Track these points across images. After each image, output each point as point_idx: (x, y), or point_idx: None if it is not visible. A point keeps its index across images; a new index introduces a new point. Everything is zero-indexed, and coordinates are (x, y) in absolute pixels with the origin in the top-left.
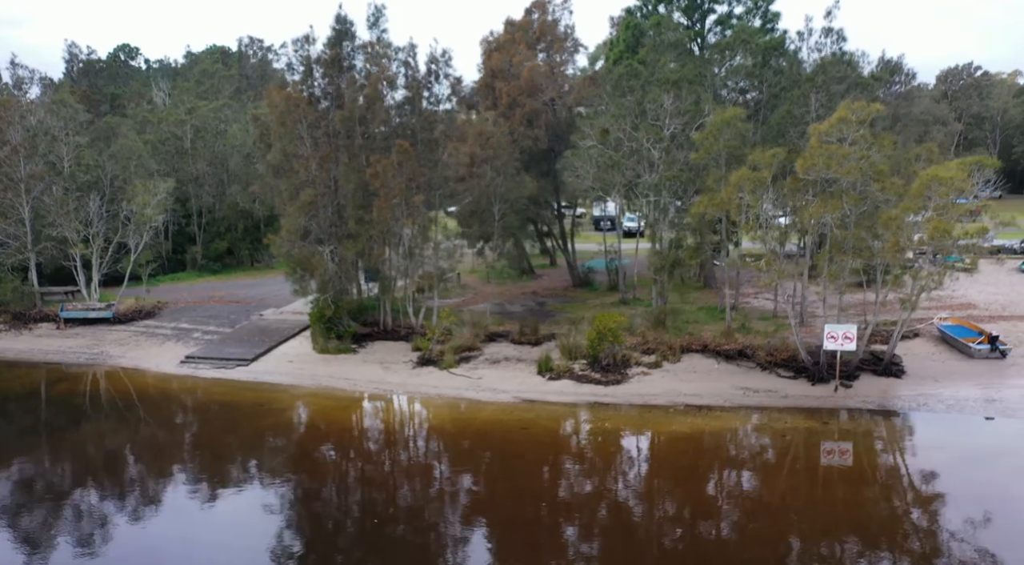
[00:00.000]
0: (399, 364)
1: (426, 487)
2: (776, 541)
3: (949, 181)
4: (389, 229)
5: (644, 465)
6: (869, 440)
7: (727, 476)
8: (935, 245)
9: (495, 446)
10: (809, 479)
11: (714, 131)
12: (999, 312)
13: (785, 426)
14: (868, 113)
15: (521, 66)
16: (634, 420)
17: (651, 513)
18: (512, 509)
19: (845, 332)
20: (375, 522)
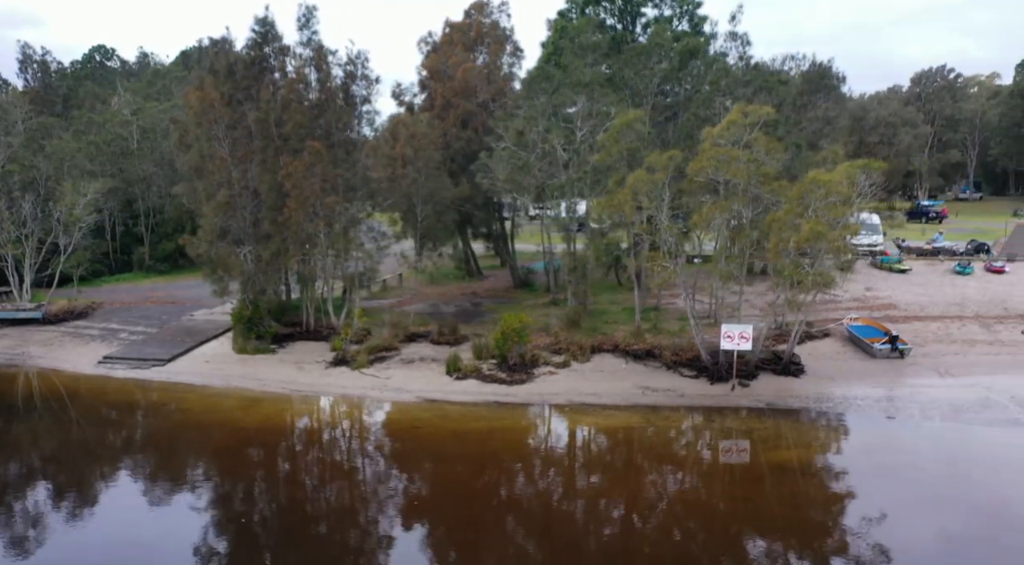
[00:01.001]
0: (313, 364)
1: (292, 488)
2: (614, 533)
3: (828, 184)
4: (304, 230)
5: (516, 463)
6: (748, 437)
7: (592, 472)
8: (811, 247)
9: (382, 445)
10: (675, 474)
11: (615, 133)
12: (917, 313)
13: (672, 424)
14: (759, 116)
15: (456, 67)
16: (527, 419)
17: (504, 509)
18: (370, 509)
19: (741, 332)
20: (242, 521)
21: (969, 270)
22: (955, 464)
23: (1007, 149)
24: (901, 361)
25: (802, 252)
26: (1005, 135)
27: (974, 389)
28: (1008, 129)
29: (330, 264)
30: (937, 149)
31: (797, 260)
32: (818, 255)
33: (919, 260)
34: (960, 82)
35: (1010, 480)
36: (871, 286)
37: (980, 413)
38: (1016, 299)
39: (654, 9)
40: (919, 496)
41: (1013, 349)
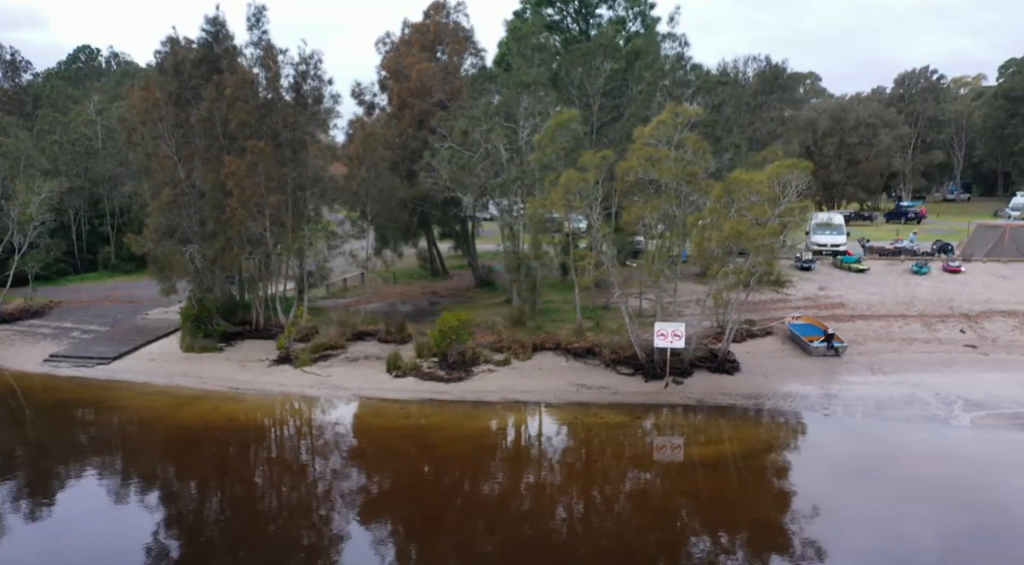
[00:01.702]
0: (257, 362)
1: (208, 484)
2: (511, 525)
3: (750, 184)
4: (248, 229)
5: (429, 459)
6: (670, 433)
7: (500, 468)
8: (732, 246)
9: (306, 442)
10: (585, 469)
11: (549, 133)
12: (864, 312)
13: (597, 421)
14: (689, 116)
15: (412, 68)
16: (453, 416)
17: (409, 503)
18: (275, 503)
19: (674, 330)
20: (154, 515)
21: (925, 270)
22: (861, 458)
23: (991, 150)
24: (837, 359)
25: (741, 251)
26: (989, 136)
27: (902, 386)
28: (992, 130)
29: (276, 262)
30: (921, 150)
31: (724, 258)
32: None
33: (881, 260)
34: (944, 83)
35: (906, 475)
36: (825, 285)
37: (901, 410)
38: (962, 298)
39: (609, 10)
40: (808, 489)
41: (948, 347)
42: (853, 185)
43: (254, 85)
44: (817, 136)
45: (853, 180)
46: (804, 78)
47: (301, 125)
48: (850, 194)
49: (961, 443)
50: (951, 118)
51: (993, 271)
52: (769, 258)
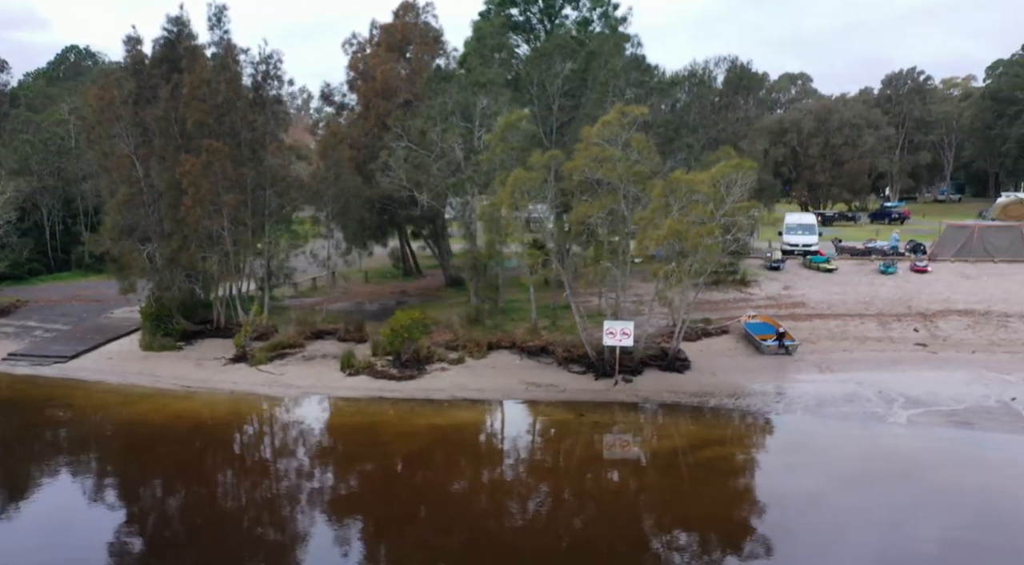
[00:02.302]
0: (213, 361)
1: (145, 481)
2: (448, 523)
3: (690, 183)
4: (204, 228)
5: (362, 456)
6: (609, 430)
7: (437, 465)
8: (671, 246)
9: (250, 439)
10: (519, 467)
11: (500, 133)
12: (823, 311)
13: (542, 419)
14: (636, 116)
15: (377, 68)
16: (398, 414)
17: (345, 500)
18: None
19: (623, 328)
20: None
21: (892, 270)
22: (789, 454)
23: (980, 150)
24: (788, 357)
25: (683, 252)
26: (977, 137)
27: (846, 384)
28: (980, 131)
29: (235, 261)
30: (908, 151)
31: (672, 256)
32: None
33: (852, 260)
34: (930, 84)
35: (830, 471)
36: (790, 285)
37: (841, 407)
38: (922, 298)
39: (574, 11)
40: (731, 484)
41: (899, 346)
42: (838, 186)
43: (212, 84)
44: (802, 137)
45: (838, 181)
46: (795, 79)
47: (260, 125)
48: (835, 195)
49: (892, 439)
50: (940, 119)
51: (959, 271)
52: (708, 257)
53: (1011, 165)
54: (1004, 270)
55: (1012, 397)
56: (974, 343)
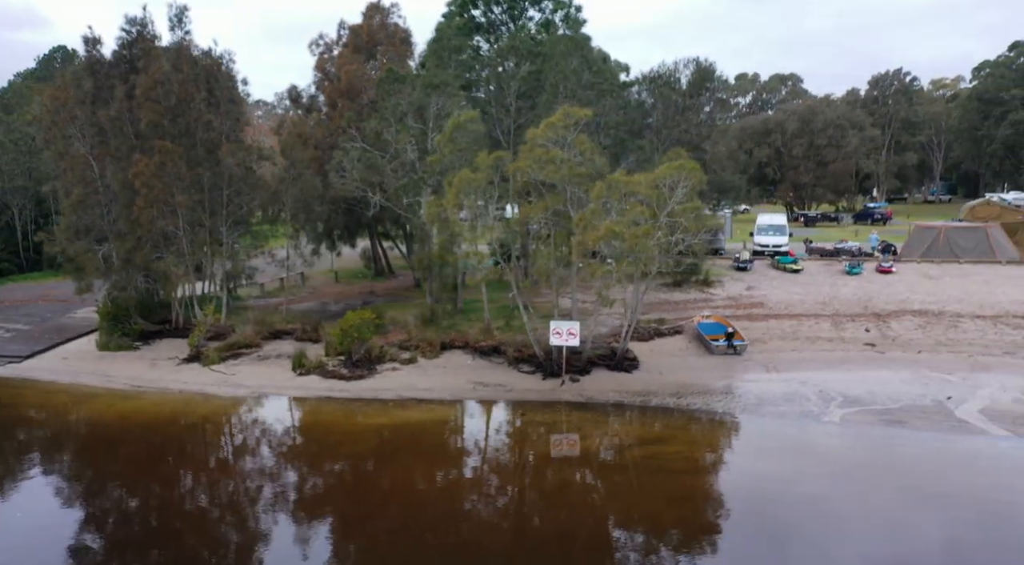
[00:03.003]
0: (167, 361)
1: (80, 480)
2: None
3: (627, 185)
4: (157, 228)
5: (298, 456)
6: (548, 429)
7: (369, 464)
8: (611, 246)
9: (178, 437)
10: (445, 465)
11: (448, 134)
12: (780, 311)
13: (484, 418)
14: (579, 118)
15: (342, 69)
16: (343, 413)
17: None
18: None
19: (569, 329)
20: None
21: (857, 270)
22: (718, 452)
23: (967, 151)
24: (737, 357)
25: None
26: (964, 138)
27: (790, 384)
28: (966, 131)
29: (190, 261)
30: (894, 152)
31: (619, 257)
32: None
33: (821, 260)
34: (916, 85)
35: (750, 468)
36: (754, 285)
37: (780, 406)
38: (881, 298)
39: (539, 13)
40: (645, 483)
41: (848, 346)
42: (822, 186)
43: (166, 85)
44: (786, 137)
45: (822, 181)
46: (786, 79)
47: (214, 125)
48: (819, 195)
49: (818, 437)
50: (928, 120)
51: (923, 272)
52: (644, 258)
53: (997, 166)
54: (968, 271)
55: (948, 396)
56: (922, 343)
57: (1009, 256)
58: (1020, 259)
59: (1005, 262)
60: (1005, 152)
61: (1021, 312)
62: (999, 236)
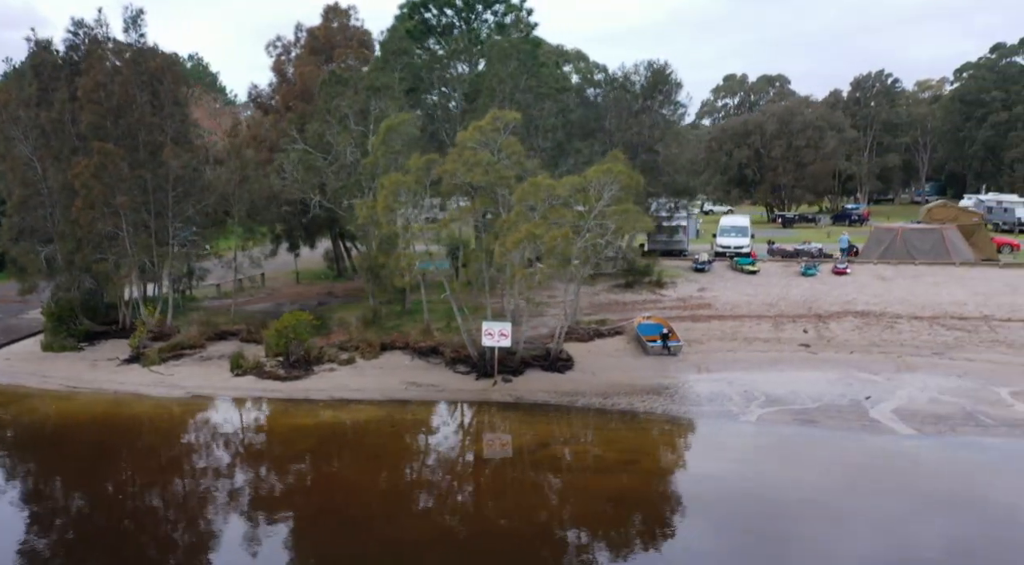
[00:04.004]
0: (109, 361)
1: None
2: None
3: (549, 187)
4: (97, 229)
5: (213, 456)
6: (467, 429)
7: (273, 463)
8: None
9: (100, 438)
10: (360, 464)
11: (381, 137)
12: (725, 312)
13: (405, 418)
14: (508, 121)
15: (297, 71)
16: (269, 414)
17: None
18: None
19: (501, 329)
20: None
21: (812, 272)
22: (625, 451)
23: (950, 152)
24: (671, 358)
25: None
26: (947, 139)
27: (717, 384)
28: (949, 133)
29: (133, 262)
30: (877, 153)
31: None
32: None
33: (780, 262)
34: (898, 87)
35: (653, 467)
36: (707, 287)
37: (702, 406)
38: (827, 300)
39: (493, 16)
40: (545, 482)
41: (784, 347)
42: (801, 187)
43: (108, 87)
44: (765, 139)
45: (801, 182)
46: (773, 81)
47: (156, 126)
48: (798, 196)
49: (730, 436)
50: (913, 121)
51: (877, 273)
52: (561, 261)
53: (978, 167)
54: (921, 272)
55: (867, 396)
56: (856, 344)
57: (963, 258)
58: (975, 260)
59: (959, 263)
60: (986, 153)
61: (959, 313)
62: (955, 238)
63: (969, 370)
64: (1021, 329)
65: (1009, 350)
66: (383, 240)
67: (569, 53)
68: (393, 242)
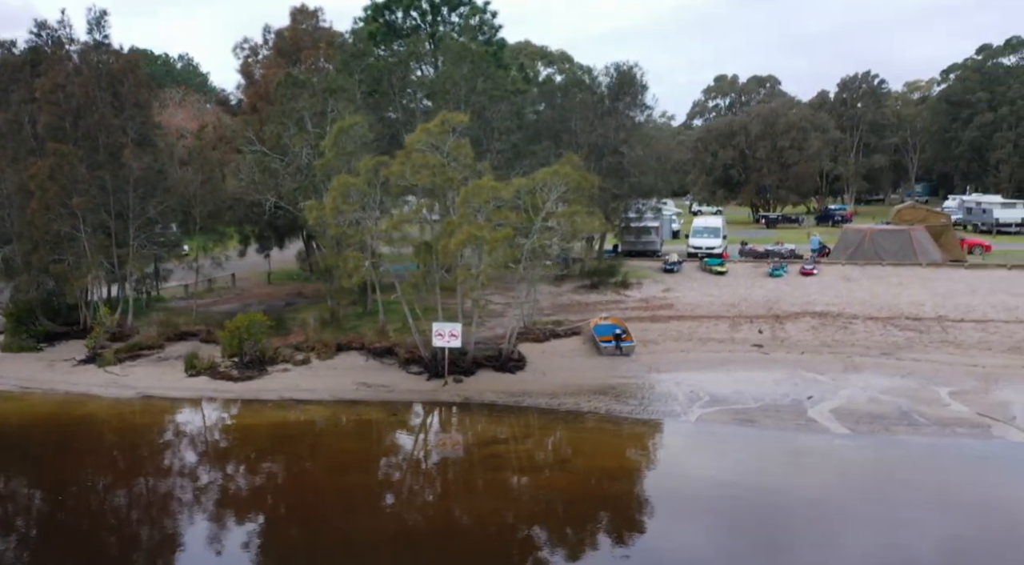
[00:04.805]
0: (65, 362)
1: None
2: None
3: (493, 190)
4: (52, 230)
5: (145, 456)
6: (411, 429)
7: (225, 464)
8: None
9: (46, 436)
10: (295, 464)
11: (332, 139)
12: (686, 313)
13: (352, 418)
14: (455, 123)
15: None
16: (217, 414)
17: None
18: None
19: (451, 330)
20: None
21: (779, 272)
22: (560, 450)
23: (938, 153)
24: (624, 358)
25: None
26: (935, 140)
27: (665, 384)
28: (937, 134)
29: (90, 263)
30: (864, 154)
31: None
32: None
33: (751, 262)
34: (884, 88)
35: (584, 466)
36: (672, 287)
37: (645, 406)
38: (789, 300)
39: (459, 18)
40: (476, 481)
41: (737, 347)
42: (786, 188)
43: (68, 88)
44: (750, 139)
45: (785, 183)
46: (764, 81)
47: (117, 128)
48: (783, 197)
49: (669, 435)
50: (896, 122)
51: (844, 274)
52: (501, 262)
53: (965, 168)
54: (887, 273)
55: (809, 396)
56: (808, 344)
57: (930, 258)
58: (942, 261)
59: (925, 264)
60: (972, 154)
61: (915, 314)
62: (922, 239)
63: (914, 370)
64: (972, 329)
65: (956, 350)
66: (333, 241)
67: (553, 54)
68: (344, 243)
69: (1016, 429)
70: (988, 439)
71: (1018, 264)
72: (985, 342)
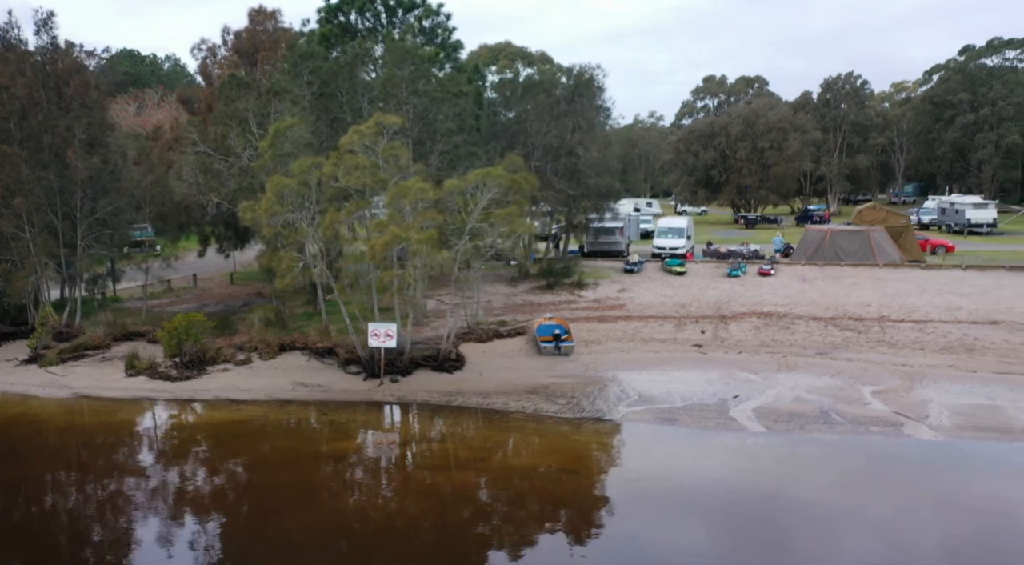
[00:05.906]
0: (7, 362)
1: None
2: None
3: (420, 191)
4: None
5: (68, 456)
6: (338, 428)
7: (131, 464)
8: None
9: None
10: (217, 464)
11: (269, 140)
12: (635, 313)
13: (280, 417)
14: (388, 124)
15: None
16: (149, 414)
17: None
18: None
19: (387, 330)
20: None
21: (737, 273)
22: (476, 448)
23: (921, 153)
24: (563, 358)
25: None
26: (918, 140)
27: (597, 383)
28: (920, 134)
29: (35, 263)
30: (847, 155)
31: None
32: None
33: (713, 263)
34: (867, 89)
35: (497, 464)
36: (627, 288)
37: (573, 405)
38: (739, 301)
39: (416, 21)
40: (381, 479)
41: (678, 347)
42: (766, 188)
43: (11, 90)
44: (731, 140)
45: (766, 184)
46: (752, 82)
47: (61, 129)
48: (763, 197)
49: (587, 434)
50: (883, 123)
51: (800, 275)
52: (427, 261)
53: (948, 169)
54: (843, 273)
55: (735, 395)
56: (748, 344)
57: (889, 259)
58: (901, 262)
59: (883, 265)
60: (955, 155)
61: (858, 314)
62: (881, 240)
63: (843, 369)
64: (909, 329)
65: (890, 350)
66: (269, 242)
67: (533, 55)
68: (281, 244)
69: (927, 427)
70: (898, 437)
71: (973, 265)
72: (919, 342)
